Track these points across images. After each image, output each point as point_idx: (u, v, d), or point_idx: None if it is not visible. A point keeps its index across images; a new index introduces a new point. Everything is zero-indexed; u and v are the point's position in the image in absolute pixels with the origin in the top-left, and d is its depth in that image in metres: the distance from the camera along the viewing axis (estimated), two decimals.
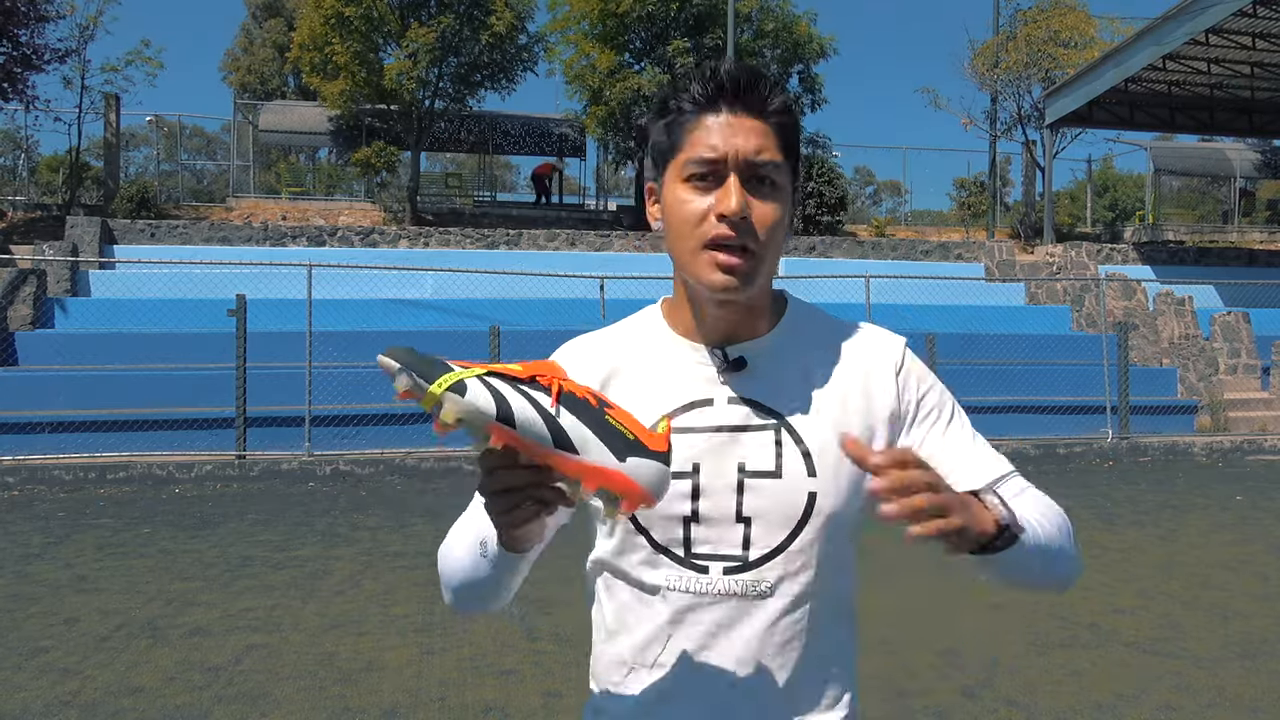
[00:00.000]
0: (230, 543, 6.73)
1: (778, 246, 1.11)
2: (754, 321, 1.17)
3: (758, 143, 1.09)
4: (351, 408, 10.50)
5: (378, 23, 19.32)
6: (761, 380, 1.15)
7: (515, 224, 20.05)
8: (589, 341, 1.25)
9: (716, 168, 1.08)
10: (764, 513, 1.12)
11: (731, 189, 1.07)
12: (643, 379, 1.18)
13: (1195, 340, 13.83)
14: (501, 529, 1.01)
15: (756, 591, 1.12)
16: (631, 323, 1.25)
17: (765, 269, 1.11)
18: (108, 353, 11.50)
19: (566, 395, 0.94)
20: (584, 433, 0.92)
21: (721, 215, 1.07)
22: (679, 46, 19.96)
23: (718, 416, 1.14)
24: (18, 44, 16.76)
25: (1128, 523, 7.48)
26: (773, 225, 1.09)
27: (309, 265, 10.83)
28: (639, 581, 1.15)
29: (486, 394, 0.90)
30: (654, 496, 0.95)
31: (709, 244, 1.08)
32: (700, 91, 1.11)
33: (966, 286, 16.45)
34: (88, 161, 24.06)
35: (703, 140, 1.09)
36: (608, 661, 1.20)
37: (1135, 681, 4.03)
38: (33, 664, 4.23)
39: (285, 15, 35.75)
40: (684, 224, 1.10)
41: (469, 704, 3.80)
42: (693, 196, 1.10)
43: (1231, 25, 15.74)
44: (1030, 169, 22.37)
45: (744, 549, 1.12)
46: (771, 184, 1.10)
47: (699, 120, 1.10)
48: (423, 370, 0.90)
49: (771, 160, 1.09)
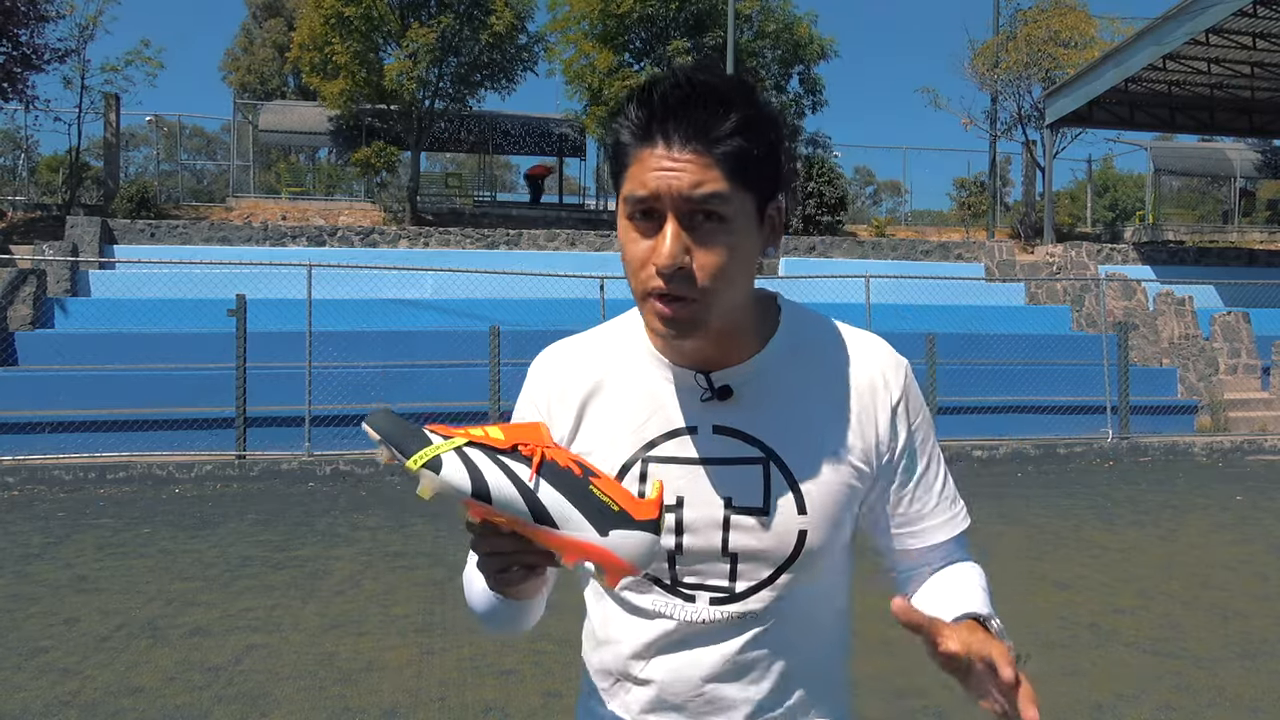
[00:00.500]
0: (230, 543, 6.73)
1: (731, 283, 1.01)
2: (735, 345, 1.10)
3: (695, 177, 0.97)
4: (351, 408, 10.50)
5: (378, 23, 19.31)
6: (749, 409, 1.09)
7: (515, 224, 20.04)
8: (570, 351, 1.19)
9: (654, 206, 0.99)
10: (751, 550, 1.09)
11: (667, 236, 0.98)
12: (624, 401, 1.13)
13: (1195, 340, 13.83)
14: (494, 589, 1.02)
15: (741, 620, 1.11)
16: (614, 331, 1.19)
17: (717, 306, 1.01)
18: (108, 353, 11.51)
19: (548, 465, 0.92)
20: (564, 507, 0.91)
21: (656, 267, 0.99)
22: (679, 46, 19.95)
23: (702, 447, 1.09)
24: (18, 44, 16.75)
25: (1128, 523, 7.47)
26: (719, 269, 0.99)
27: (309, 265, 10.83)
28: (627, 603, 1.15)
29: (462, 470, 0.90)
30: (638, 568, 0.94)
31: (648, 293, 1.01)
32: (635, 118, 1.01)
33: (966, 286, 16.45)
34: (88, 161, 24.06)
35: (638, 177, 1.00)
36: (595, 668, 1.22)
37: (1135, 681, 4.03)
38: (33, 664, 4.23)
39: (285, 15, 35.76)
40: (629, 267, 1.03)
41: (469, 704, 3.80)
42: (636, 236, 1.02)
43: (1231, 25, 15.74)
44: (1030, 169, 22.37)
45: (730, 581, 1.10)
46: (719, 218, 0.99)
47: (637, 153, 1.00)
48: (400, 443, 0.91)
49: (714, 193, 0.98)
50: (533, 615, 1.18)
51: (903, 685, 3.95)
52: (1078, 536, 6.92)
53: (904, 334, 12.61)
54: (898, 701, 3.81)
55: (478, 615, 1.19)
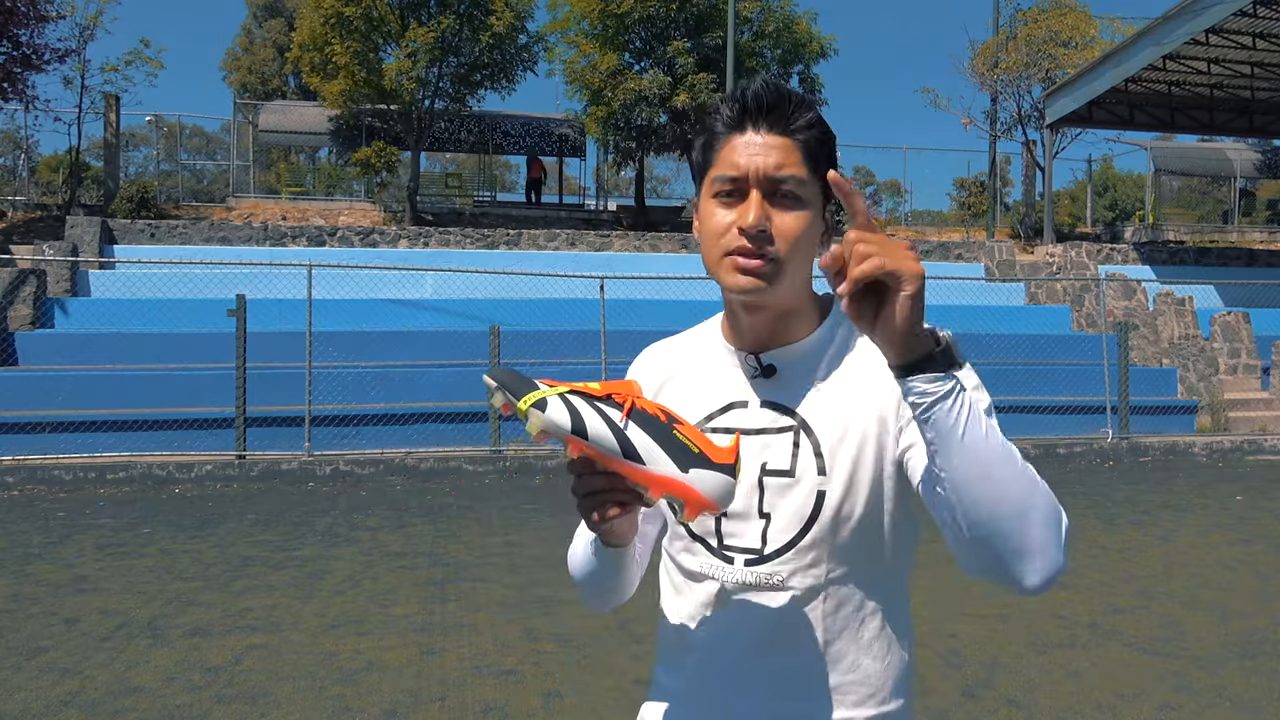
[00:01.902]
0: (230, 543, 6.73)
1: (804, 254, 1.17)
2: (790, 327, 1.23)
3: (779, 159, 1.15)
4: (351, 408, 10.51)
5: (378, 23, 19.31)
6: (788, 384, 1.23)
7: (515, 224, 20.05)
8: (658, 349, 1.37)
9: (740, 184, 1.16)
10: (779, 509, 1.20)
11: (751, 204, 1.14)
12: (692, 382, 1.29)
13: (1195, 340, 13.83)
14: (591, 527, 1.13)
15: (770, 584, 1.20)
16: (696, 331, 1.36)
17: (788, 272, 1.16)
18: (108, 353, 11.51)
19: (638, 412, 1.06)
20: (650, 445, 1.05)
21: (741, 228, 1.14)
22: (679, 47, 19.96)
23: (750, 418, 1.23)
24: (18, 44, 16.75)
25: (1128, 523, 7.48)
26: (794, 234, 1.15)
27: (309, 265, 10.82)
28: (681, 566, 1.27)
29: (564, 410, 1.04)
30: (716, 504, 1.06)
31: (730, 253, 1.16)
32: (729, 113, 1.18)
33: (966, 286, 16.45)
34: (88, 161, 24.09)
35: (728, 158, 1.17)
36: (662, 638, 1.32)
37: (1135, 681, 4.03)
38: (33, 664, 4.23)
39: (285, 15, 35.76)
40: (710, 236, 1.18)
41: (469, 704, 3.80)
42: (719, 211, 1.17)
43: (1231, 25, 15.75)
44: (1030, 169, 22.37)
45: (762, 543, 1.20)
46: (794, 197, 1.16)
47: (728, 140, 1.18)
48: (514, 388, 1.06)
49: (792, 175, 1.15)
50: (628, 574, 1.28)
51: None
52: (1077, 536, 6.92)
53: None
54: None
55: (580, 581, 1.33)
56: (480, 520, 7.45)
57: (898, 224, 25.94)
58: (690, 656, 1.25)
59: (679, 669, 1.27)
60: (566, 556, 1.37)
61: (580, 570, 1.31)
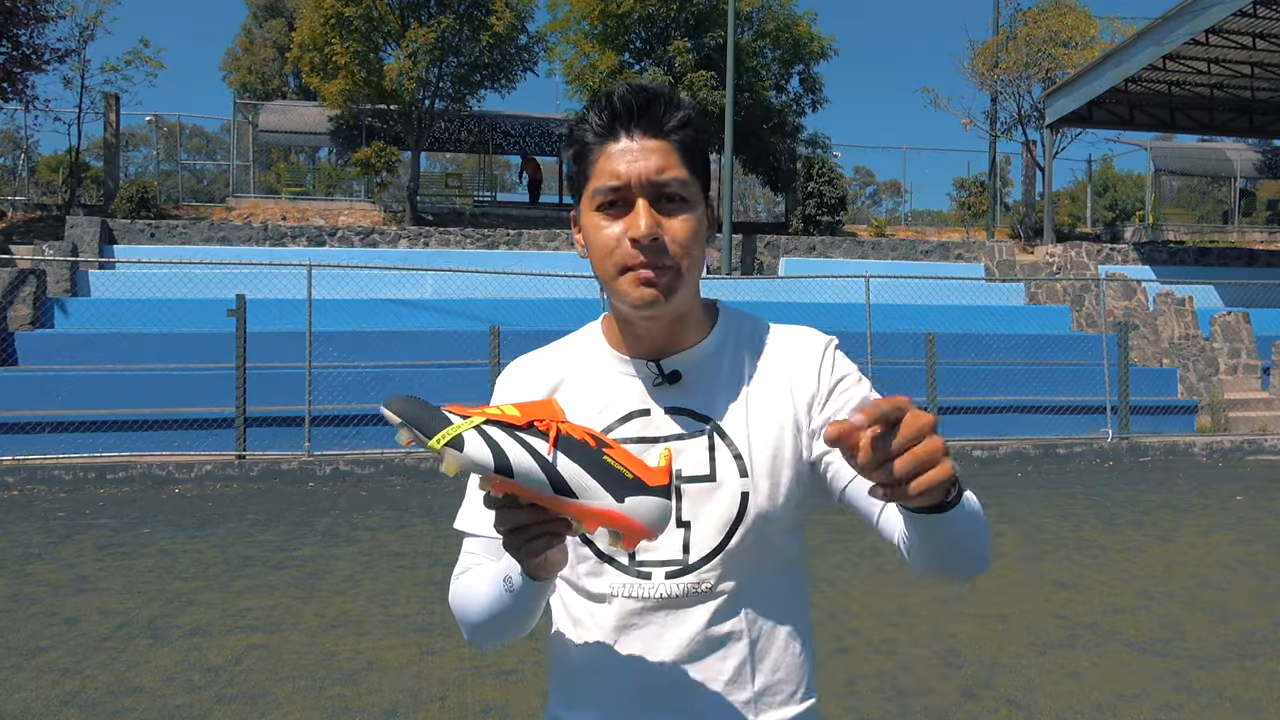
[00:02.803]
0: (230, 543, 6.73)
1: (696, 257, 1.15)
2: (685, 333, 1.20)
3: (659, 162, 1.12)
4: (351, 408, 10.50)
5: (378, 23, 19.31)
6: (694, 389, 1.20)
7: (515, 224, 20.05)
8: (532, 361, 1.28)
9: (623, 193, 1.12)
10: (701, 516, 1.16)
11: (640, 212, 1.11)
12: (583, 393, 1.22)
13: (1195, 340, 13.83)
14: (521, 562, 1.04)
15: (697, 592, 1.15)
16: (572, 340, 1.29)
17: (685, 280, 1.14)
18: (108, 353, 11.51)
19: (564, 439, 0.97)
20: (581, 477, 0.96)
21: (634, 239, 1.10)
22: (679, 47, 19.96)
23: (656, 426, 1.18)
24: (18, 44, 16.75)
25: (1128, 523, 7.47)
26: (686, 238, 1.13)
27: (309, 265, 10.83)
28: (585, 590, 1.20)
29: (484, 447, 0.94)
30: (654, 531, 0.98)
31: (626, 268, 1.12)
32: (599, 121, 1.14)
33: (966, 286, 16.45)
34: (88, 161, 24.08)
35: (607, 168, 1.13)
36: (559, 673, 1.25)
37: (1135, 681, 4.03)
38: (33, 664, 4.23)
39: (285, 15, 35.75)
40: (601, 250, 1.14)
41: (469, 704, 3.80)
42: (606, 223, 1.13)
43: (1231, 25, 15.75)
44: (1030, 169, 22.37)
45: (684, 553, 1.16)
46: (680, 199, 1.13)
47: (603, 149, 1.14)
48: (422, 424, 0.94)
49: (675, 177, 1.12)
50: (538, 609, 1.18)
51: (903, 685, 3.95)
52: (1078, 536, 6.92)
53: (904, 334, 12.61)
54: (898, 701, 3.81)
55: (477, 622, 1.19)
56: None
57: (898, 224, 25.93)
58: (600, 682, 1.18)
59: (588, 700, 1.19)
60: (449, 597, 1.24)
61: (481, 611, 1.17)
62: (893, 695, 3.85)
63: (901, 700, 3.82)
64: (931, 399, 11.34)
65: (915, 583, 5.52)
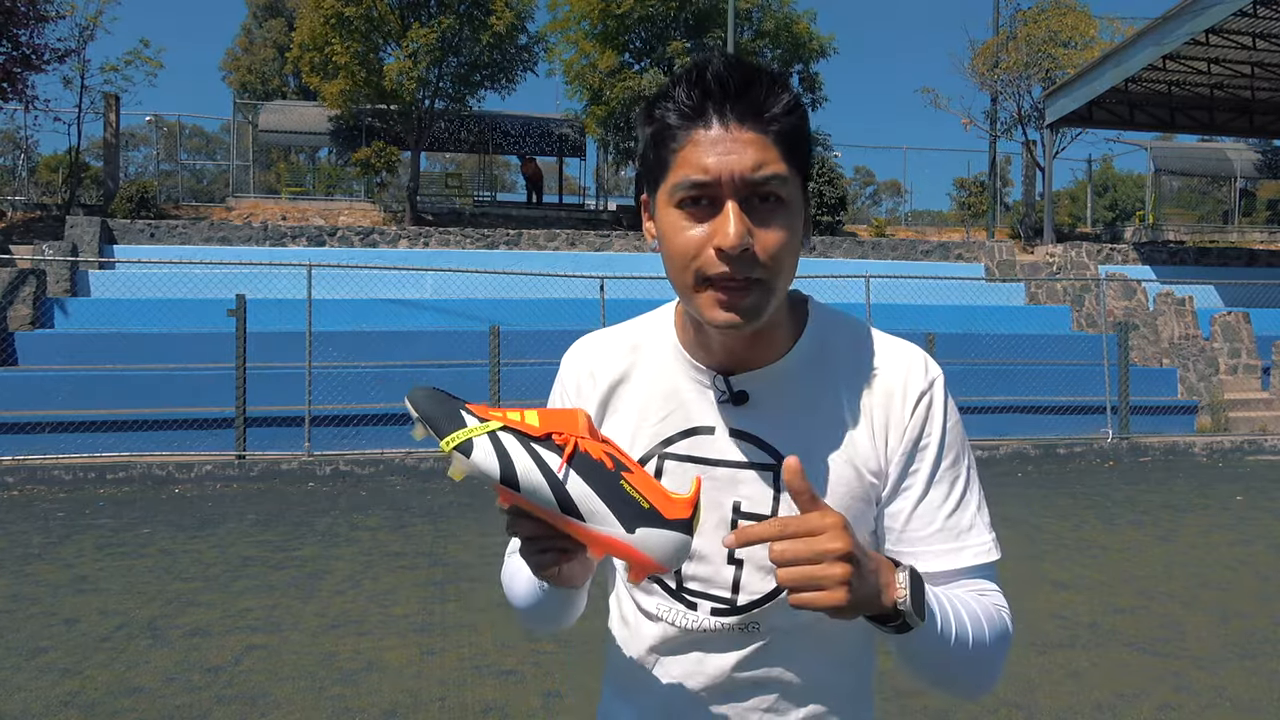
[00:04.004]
0: (230, 543, 6.73)
1: (790, 268, 0.99)
2: (765, 346, 1.06)
3: (756, 157, 0.95)
4: (351, 408, 10.50)
5: (378, 23, 19.31)
6: (766, 414, 1.06)
7: (515, 224, 20.05)
8: (601, 345, 1.18)
9: (711, 190, 0.96)
10: (757, 559, 1.06)
11: (730, 218, 0.94)
12: (647, 394, 1.12)
13: (1195, 340, 13.83)
14: (534, 571, 0.99)
15: (741, 634, 1.08)
16: (645, 326, 1.17)
17: (775, 298, 0.99)
18: (108, 353, 11.50)
19: (580, 456, 0.91)
20: (591, 500, 0.90)
21: (719, 249, 0.95)
22: (679, 47, 19.96)
23: (718, 449, 1.07)
24: (18, 44, 16.75)
25: (1128, 523, 7.47)
26: (780, 249, 0.97)
27: (309, 265, 10.83)
28: (635, 602, 1.14)
29: (492, 456, 0.90)
30: (667, 567, 0.93)
31: (708, 280, 0.97)
32: (687, 100, 0.97)
33: (966, 286, 16.45)
34: (87, 161, 24.06)
35: (693, 160, 0.96)
36: (613, 662, 1.20)
37: (1135, 681, 4.03)
38: (33, 664, 4.23)
39: (285, 15, 35.75)
40: (680, 256, 0.98)
41: (469, 704, 3.80)
42: (687, 224, 0.97)
43: (1231, 25, 15.74)
44: (1030, 169, 22.37)
45: (733, 592, 1.07)
46: (777, 199, 0.97)
47: (688, 135, 0.97)
48: (437, 423, 0.91)
49: (775, 174, 0.96)
50: (575, 608, 1.16)
51: (903, 685, 3.95)
52: (1078, 536, 6.92)
53: (904, 334, 12.52)
54: (898, 701, 3.81)
55: (520, 611, 1.18)
56: (480, 520, 7.43)
57: (898, 224, 25.93)
58: (645, 698, 1.13)
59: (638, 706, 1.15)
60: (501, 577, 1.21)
61: (523, 600, 1.15)
62: (893, 695, 3.85)
63: (901, 700, 3.82)
64: None
65: None
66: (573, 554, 0.96)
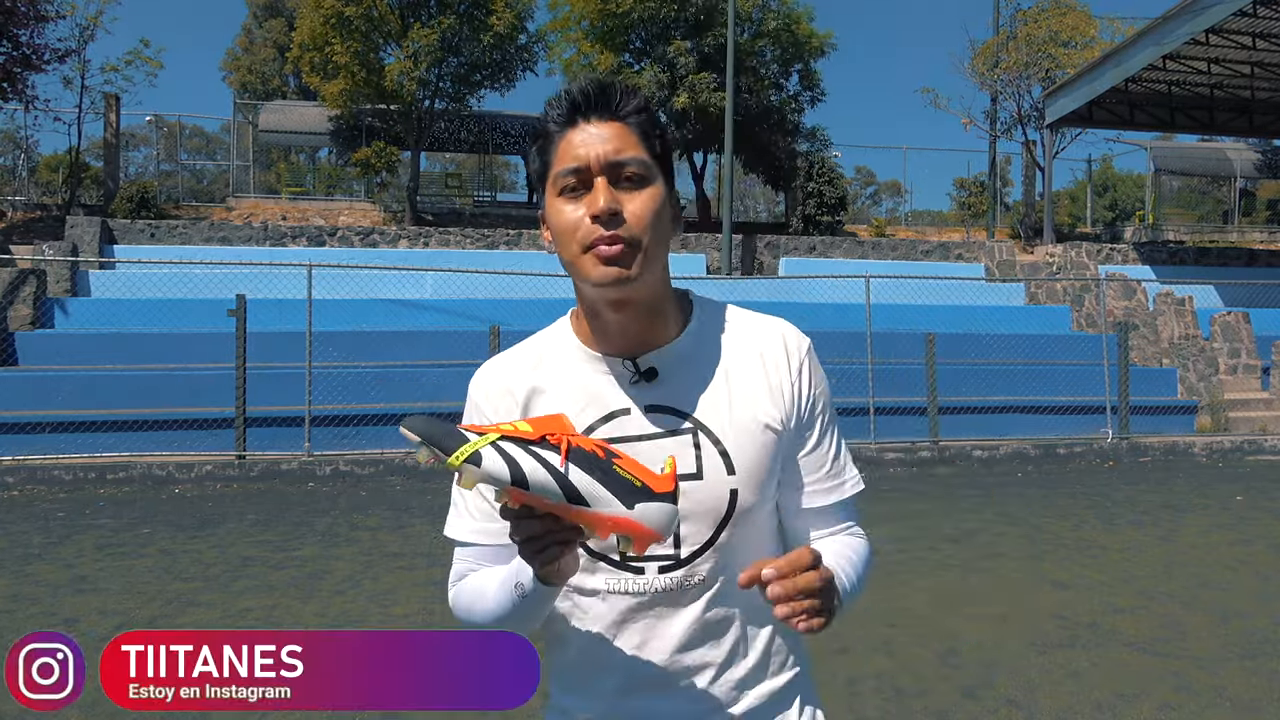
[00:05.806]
0: (230, 543, 6.73)
1: (660, 234, 1.16)
2: (659, 327, 1.22)
3: (616, 144, 1.15)
4: (351, 408, 10.50)
5: (378, 23, 19.30)
6: (674, 386, 1.21)
7: (515, 224, 20.04)
8: (502, 368, 1.28)
9: (583, 174, 1.15)
10: (691, 513, 1.18)
11: (599, 189, 1.13)
12: (561, 395, 1.23)
13: (1195, 340, 13.83)
14: (535, 569, 1.09)
15: (690, 585, 1.20)
16: (542, 340, 1.29)
17: (649, 257, 1.15)
18: (108, 353, 11.50)
19: (575, 451, 1.03)
20: (593, 487, 1.02)
21: (593, 216, 1.12)
22: (679, 47, 19.95)
23: (637, 425, 1.20)
24: (18, 44, 16.74)
25: (1128, 523, 7.47)
26: (647, 214, 1.14)
27: (309, 265, 10.83)
28: (578, 587, 1.22)
29: (500, 462, 1.00)
30: (663, 535, 1.04)
31: (587, 246, 1.14)
32: (558, 112, 1.18)
33: (966, 286, 16.45)
34: (88, 161, 24.05)
35: (568, 152, 1.16)
36: (560, 666, 1.28)
37: (1135, 681, 4.03)
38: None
39: (285, 15, 35.76)
40: (564, 233, 1.16)
41: None
42: (569, 206, 1.15)
43: (1231, 25, 15.74)
44: (1030, 169, 22.37)
45: (675, 548, 1.20)
46: (639, 178, 1.16)
47: (563, 136, 1.17)
48: (440, 443, 1.00)
49: (633, 157, 1.15)
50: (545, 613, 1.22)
51: (903, 685, 3.95)
52: (1077, 536, 6.92)
53: (904, 334, 12.61)
54: (898, 701, 3.81)
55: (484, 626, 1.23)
56: None
57: (898, 224, 25.93)
58: (607, 679, 1.22)
59: (593, 693, 1.23)
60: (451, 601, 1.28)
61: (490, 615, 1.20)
62: (893, 695, 3.85)
63: (901, 700, 3.82)
64: (932, 399, 11.33)
65: (915, 583, 5.52)
66: (573, 546, 1.06)
